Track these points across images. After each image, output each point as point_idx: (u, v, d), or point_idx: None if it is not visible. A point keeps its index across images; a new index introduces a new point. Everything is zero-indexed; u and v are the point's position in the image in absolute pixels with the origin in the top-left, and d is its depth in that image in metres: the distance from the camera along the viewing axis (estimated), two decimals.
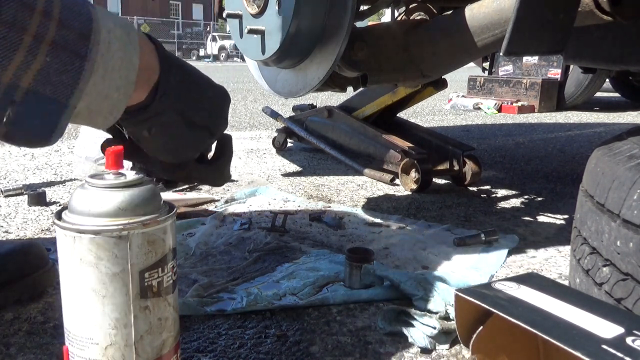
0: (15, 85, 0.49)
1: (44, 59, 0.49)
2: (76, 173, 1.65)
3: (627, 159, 0.65)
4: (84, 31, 0.51)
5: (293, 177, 1.76)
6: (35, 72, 0.49)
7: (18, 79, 0.48)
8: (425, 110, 4.11)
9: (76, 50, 0.50)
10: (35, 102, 0.50)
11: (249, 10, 1.19)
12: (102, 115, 0.55)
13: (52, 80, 0.50)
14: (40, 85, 0.49)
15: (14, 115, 0.49)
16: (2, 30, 0.47)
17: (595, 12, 0.89)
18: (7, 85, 0.48)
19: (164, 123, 0.63)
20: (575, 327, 0.51)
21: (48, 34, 0.49)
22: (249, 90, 5.71)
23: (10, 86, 0.48)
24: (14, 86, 0.49)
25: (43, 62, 0.49)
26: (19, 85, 0.49)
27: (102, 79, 0.52)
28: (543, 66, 4.54)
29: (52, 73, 0.50)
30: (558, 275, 1.00)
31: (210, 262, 1.00)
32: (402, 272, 0.89)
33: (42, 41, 0.49)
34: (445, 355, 0.71)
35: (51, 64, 0.49)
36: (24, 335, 0.74)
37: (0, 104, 0.49)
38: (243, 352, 0.71)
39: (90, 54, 0.51)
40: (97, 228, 0.49)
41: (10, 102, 0.49)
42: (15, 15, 0.47)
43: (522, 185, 1.72)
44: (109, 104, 0.55)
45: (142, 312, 0.51)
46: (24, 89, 0.49)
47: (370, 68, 1.26)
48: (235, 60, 23.46)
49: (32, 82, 0.49)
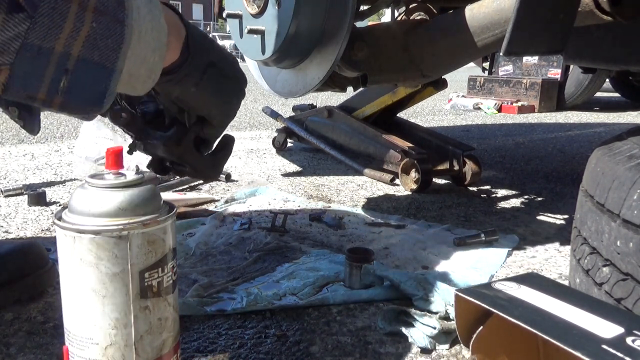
0: (67, 54, 0.50)
1: (90, 25, 0.50)
2: (76, 173, 1.65)
3: (627, 159, 0.65)
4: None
5: (293, 177, 1.76)
6: (84, 39, 0.50)
7: (69, 47, 0.50)
8: (425, 110, 4.11)
9: (115, 15, 0.52)
10: (86, 68, 0.51)
11: (249, 10, 1.19)
12: (142, 80, 0.57)
13: (99, 46, 0.51)
14: (88, 51, 0.51)
15: (68, 84, 0.51)
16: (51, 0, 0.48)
17: (595, 12, 0.89)
18: (60, 54, 0.50)
19: (205, 76, 0.67)
20: (575, 327, 0.51)
21: (90, 1, 0.50)
22: (249, 90, 5.67)
23: (63, 55, 0.50)
24: (66, 54, 0.50)
25: (89, 28, 0.50)
26: (70, 53, 0.50)
27: (138, 43, 0.54)
28: (543, 66, 4.54)
29: (98, 38, 0.51)
30: (558, 275, 1.00)
31: (210, 262, 1.00)
32: (402, 272, 0.89)
33: (86, 8, 0.50)
34: (445, 355, 0.71)
35: (96, 30, 0.51)
36: (24, 335, 0.74)
37: (55, 75, 0.50)
38: (243, 352, 0.71)
39: (127, 19, 0.53)
40: (97, 228, 0.49)
41: (64, 72, 0.50)
42: None
43: (522, 185, 1.72)
44: (146, 67, 0.56)
45: (142, 312, 0.51)
46: (75, 56, 0.50)
47: (370, 68, 1.26)
48: None
49: (81, 49, 0.50)
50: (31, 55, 0.48)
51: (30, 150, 2.12)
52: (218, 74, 0.68)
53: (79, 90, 0.52)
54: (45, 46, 0.49)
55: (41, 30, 0.48)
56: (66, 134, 2.55)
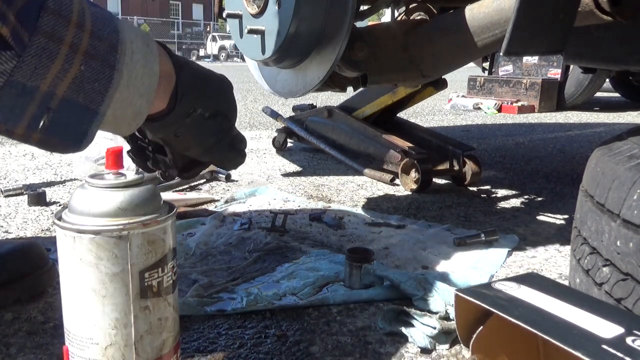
0: (52, 94, 0.50)
1: (79, 68, 0.51)
2: (76, 173, 1.65)
3: (627, 159, 0.65)
4: (112, 41, 0.54)
5: (293, 177, 1.76)
6: (70, 81, 0.51)
7: (54, 87, 0.50)
8: (425, 110, 4.11)
9: (106, 59, 0.53)
10: (69, 109, 0.52)
11: (249, 10, 1.19)
12: (127, 122, 0.58)
13: (85, 88, 0.52)
14: (74, 93, 0.52)
15: (49, 122, 0.51)
16: (41, 40, 0.49)
17: (595, 12, 0.89)
18: (45, 94, 0.50)
19: (188, 123, 0.67)
20: (575, 327, 0.51)
21: (82, 44, 0.51)
22: (249, 90, 5.70)
23: (47, 94, 0.50)
24: (50, 94, 0.50)
25: (77, 71, 0.51)
26: (55, 93, 0.51)
27: (127, 87, 0.55)
28: (543, 66, 4.54)
29: (85, 81, 0.52)
30: (558, 275, 1.00)
31: (210, 262, 1.00)
32: (402, 272, 0.89)
33: (77, 51, 0.51)
34: (445, 355, 0.71)
35: (84, 73, 0.51)
36: (24, 335, 0.74)
37: (37, 112, 0.51)
38: (243, 352, 0.71)
39: (118, 63, 0.53)
40: (97, 228, 0.49)
41: (46, 110, 0.51)
42: (54, 26, 0.49)
43: (522, 185, 1.72)
44: (132, 110, 0.57)
45: (142, 312, 0.51)
46: (59, 97, 0.51)
47: (370, 68, 1.26)
48: (235, 60, 23.46)
49: (66, 90, 0.51)
50: (15, 92, 0.49)
51: (30, 150, 2.12)
52: (202, 119, 0.69)
53: (59, 129, 0.52)
54: (30, 85, 0.49)
55: (28, 69, 0.48)
56: None
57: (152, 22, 28.05)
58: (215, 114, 0.71)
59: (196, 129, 0.69)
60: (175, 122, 0.66)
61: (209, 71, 0.73)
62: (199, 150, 0.73)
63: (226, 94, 0.75)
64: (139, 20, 25.74)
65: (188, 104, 0.66)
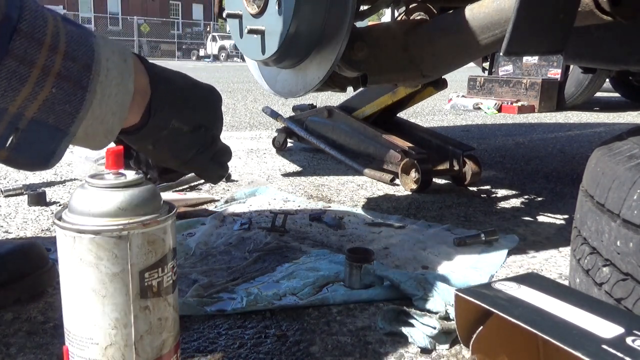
0: (21, 115, 0.50)
1: (50, 90, 0.51)
2: (76, 173, 1.65)
3: (627, 159, 0.65)
4: (87, 61, 0.53)
5: (293, 177, 1.76)
6: (41, 103, 0.51)
7: (24, 109, 0.50)
8: (425, 110, 4.11)
9: (79, 80, 0.52)
10: (38, 130, 0.52)
11: (249, 10, 1.19)
12: (98, 139, 0.58)
13: (55, 110, 0.52)
14: (44, 114, 0.51)
15: (17, 141, 0.51)
16: (12, 64, 0.48)
17: (595, 12, 0.89)
18: (13, 115, 0.50)
19: (164, 137, 0.67)
20: (575, 327, 0.51)
21: (54, 66, 0.51)
22: (249, 90, 5.71)
23: (16, 116, 0.50)
24: (19, 116, 0.50)
25: (48, 93, 0.51)
26: (23, 115, 0.50)
27: (99, 105, 0.55)
28: (543, 66, 4.54)
29: (56, 103, 0.51)
30: (558, 275, 1.00)
31: (210, 262, 1.00)
32: (402, 272, 0.89)
33: (48, 73, 0.50)
34: (445, 355, 0.71)
35: (55, 95, 0.51)
36: (24, 335, 0.74)
37: (4, 132, 0.50)
38: (243, 352, 0.71)
39: (91, 84, 0.53)
40: (97, 228, 0.49)
41: (14, 130, 0.51)
42: (26, 50, 0.49)
43: (522, 185, 1.72)
44: (104, 127, 0.57)
45: (142, 312, 0.51)
46: (28, 118, 0.51)
47: (370, 68, 1.26)
48: (235, 60, 23.46)
49: (36, 112, 0.51)
50: None
51: None
52: (179, 133, 0.68)
53: (26, 148, 0.52)
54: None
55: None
56: None
57: (152, 22, 28.04)
58: (197, 127, 0.70)
59: (173, 143, 0.68)
60: (149, 136, 0.66)
61: (195, 84, 0.72)
62: (177, 163, 0.72)
63: (212, 106, 0.73)
64: (139, 20, 25.74)
65: (163, 118, 0.65)
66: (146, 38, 26.16)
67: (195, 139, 0.71)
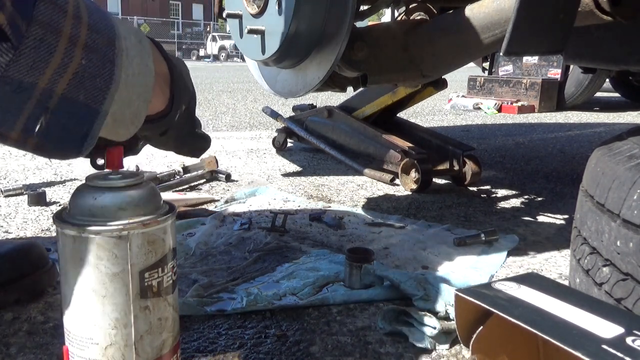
0: (50, 91, 0.46)
1: (80, 62, 0.47)
2: (76, 173, 1.65)
3: (627, 159, 0.65)
4: (110, 36, 0.50)
5: (293, 177, 1.76)
6: (71, 77, 0.47)
7: (54, 83, 0.46)
8: (425, 110, 4.11)
9: (106, 54, 0.49)
10: (68, 109, 0.47)
11: (249, 10, 1.19)
12: (125, 125, 0.53)
13: (85, 85, 0.48)
14: (73, 90, 0.47)
15: (46, 125, 0.47)
16: (38, 31, 0.44)
17: (595, 12, 0.89)
18: (42, 91, 0.46)
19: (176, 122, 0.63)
20: (575, 327, 0.51)
21: (81, 37, 0.47)
22: (249, 90, 5.70)
23: (45, 92, 0.46)
24: (49, 91, 0.46)
25: (78, 65, 0.47)
26: (53, 91, 0.46)
27: (125, 86, 0.51)
28: (543, 66, 4.54)
29: (86, 77, 0.48)
30: (558, 275, 1.00)
31: (210, 262, 1.00)
32: (402, 272, 0.89)
33: (76, 44, 0.47)
34: (445, 355, 0.71)
35: (86, 68, 0.47)
36: (24, 335, 0.74)
37: (33, 113, 0.46)
38: (243, 352, 0.71)
39: (117, 58, 0.50)
40: (97, 228, 0.49)
41: (44, 110, 0.46)
42: (51, 15, 0.45)
43: (522, 185, 1.72)
44: (131, 111, 0.53)
45: (142, 312, 0.51)
46: (58, 94, 0.46)
47: (370, 68, 1.26)
48: (235, 60, 23.45)
49: (66, 87, 0.47)
50: (10, 89, 0.44)
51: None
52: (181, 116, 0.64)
53: (58, 132, 0.48)
54: (26, 81, 0.44)
55: (25, 63, 0.44)
56: None
57: (152, 22, 28.04)
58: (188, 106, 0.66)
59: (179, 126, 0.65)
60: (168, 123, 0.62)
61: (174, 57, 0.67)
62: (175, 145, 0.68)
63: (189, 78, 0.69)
64: (139, 20, 25.75)
65: (180, 102, 0.63)
66: None
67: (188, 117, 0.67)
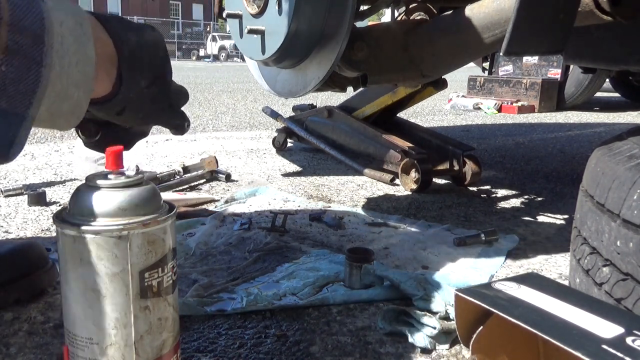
0: None
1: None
2: (76, 173, 1.65)
3: (627, 159, 0.65)
4: (37, 31, 0.46)
5: (293, 177, 1.76)
6: None
7: None
8: (425, 110, 4.11)
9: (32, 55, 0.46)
10: None
11: (249, 10, 1.19)
12: (64, 117, 0.51)
13: (7, 92, 0.45)
14: None
15: None
16: None
17: (595, 12, 0.89)
18: None
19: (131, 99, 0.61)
20: (575, 327, 0.51)
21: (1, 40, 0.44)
22: (249, 90, 5.70)
23: None
24: None
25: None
26: None
27: (59, 79, 0.48)
28: (543, 66, 4.54)
29: (8, 84, 0.45)
30: (558, 275, 1.00)
31: (210, 262, 1.00)
32: (402, 272, 0.89)
33: None
34: (445, 355, 0.71)
35: (6, 74, 0.44)
36: (24, 335, 0.74)
37: None
38: (243, 352, 0.71)
39: (46, 57, 0.46)
40: (97, 228, 0.49)
41: None
42: None
43: (522, 185, 1.72)
44: (69, 103, 0.50)
45: (142, 312, 0.51)
46: None
47: (370, 68, 1.26)
48: (235, 60, 23.45)
49: None
50: None
51: (30, 150, 2.12)
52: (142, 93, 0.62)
53: None
54: None
55: None
56: (66, 134, 2.54)
57: (152, 22, 28.03)
58: (153, 81, 0.63)
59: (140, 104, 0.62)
60: (120, 104, 0.60)
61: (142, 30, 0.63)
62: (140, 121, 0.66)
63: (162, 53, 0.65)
64: (139, 20, 25.75)
65: (133, 82, 0.59)
66: None
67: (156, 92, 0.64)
